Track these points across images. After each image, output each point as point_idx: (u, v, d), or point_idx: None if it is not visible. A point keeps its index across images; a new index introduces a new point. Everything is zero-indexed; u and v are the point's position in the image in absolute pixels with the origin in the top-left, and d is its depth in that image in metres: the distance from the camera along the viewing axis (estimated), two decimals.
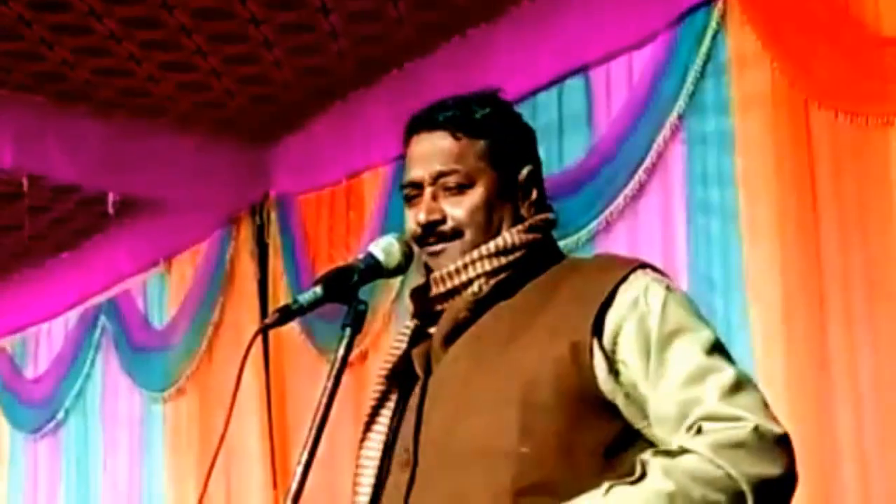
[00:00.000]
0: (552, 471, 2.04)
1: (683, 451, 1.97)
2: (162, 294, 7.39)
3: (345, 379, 2.14)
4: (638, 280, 2.14)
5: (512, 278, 2.20)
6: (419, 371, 2.21)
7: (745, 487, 1.95)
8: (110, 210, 6.70)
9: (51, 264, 7.99)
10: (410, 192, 2.26)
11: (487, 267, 2.19)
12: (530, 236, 2.22)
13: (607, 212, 4.88)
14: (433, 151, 2.24)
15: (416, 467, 2.14)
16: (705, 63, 4.65)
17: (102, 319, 7.76)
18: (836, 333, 4.16)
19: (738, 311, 4.45)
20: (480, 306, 2.19)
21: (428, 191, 2.23)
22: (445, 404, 2.15)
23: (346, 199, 6.26)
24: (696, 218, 4.67)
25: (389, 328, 5.84)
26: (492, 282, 2.19)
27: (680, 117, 4.72)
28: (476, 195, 2.22)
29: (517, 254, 2.20)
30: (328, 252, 6.23)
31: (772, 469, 1.99)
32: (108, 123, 6.17)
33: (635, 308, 2.10)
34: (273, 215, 6.66)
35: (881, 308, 4.06)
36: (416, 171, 2.25)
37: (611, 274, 2.15)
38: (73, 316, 8.06)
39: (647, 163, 4.79)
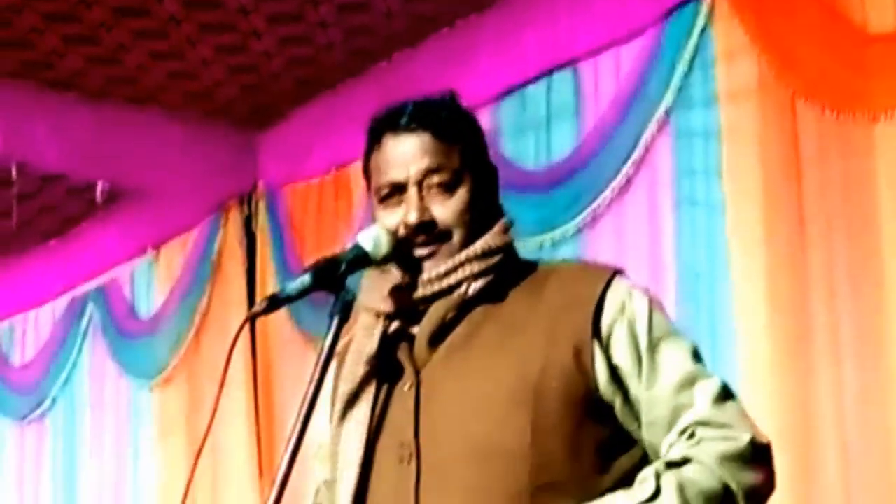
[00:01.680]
0: (562, 471, 2.10)
1: (687, 460, 2.06)
2: (150, 282, 7.39)
3: (330, 368, 2.16)
4: (620, 286, 2.20)
5: (496, 280, 2.22)
6: (409, 368, 2.22)
7: (741, 499, 2.07)
8: (99, 198, 6.70)
9: (38, 252, 7.98)
10: (389, 193, 2.26)
11: (476, 269, 2.21)
12: (507, 238, 2.26)
13: (594, 205, 4.90)
14: (418, 150, 2.24)
15: (420, 463, 2.15)
16: (693, 57, 4.66)
17: (90, 307, 7.76)
18: (821, 326, 4.18)
19: (724, 303, 4.47)
20: (466, 307, 2.21)
21: (413, 190, 2.23)
22: (446, 403, 2.17)
23: (334, 189, 6.26)
24: (683, 211, 4.69)
25: None
26: (478, 283, 2.21)
27: (667, 111, 4.73)
28: (462, 195, 2.23)
29: (499, 256, 2.23)
30: (316, 242, 6.23)
31: (760, 478, 2.10)
32: (98, 111, 6.17)
33: (623, 312, 2.17)
34: (261, 205, 6.66)
35: (865, 300, 4.08)
36: (399, 171, 2.25)
37: (595, 279, 2.21)
38: (60, 303, 8.05)
39: (635, 156, 4.81)
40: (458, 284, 2.21)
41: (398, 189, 2.25)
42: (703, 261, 4.57)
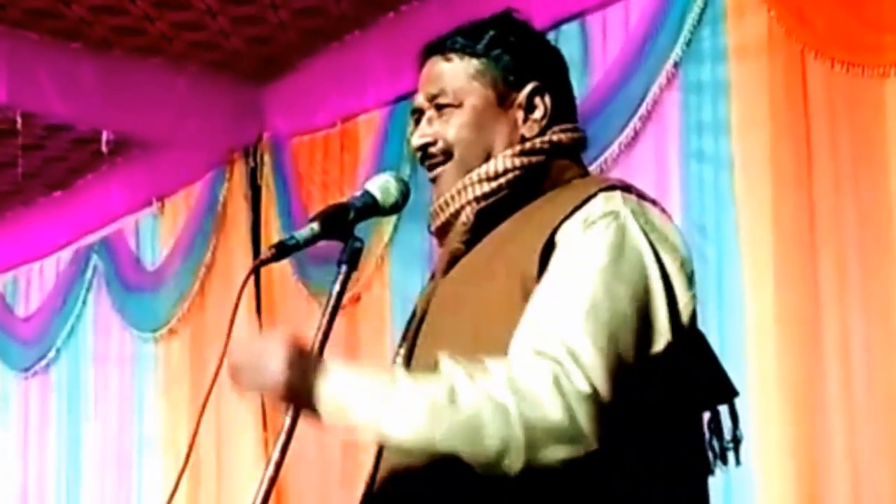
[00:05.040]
0: None
1: (485, 370, 1.90)
2: (154, 234, 7.39)
3: (337, 321, 2.13)
4: (594, 206, 2.04)
5: (500, 205, 2.15)
6: (421, 305, 2.21)
7: (516, 420, 1.86)
8: (104, 149, 6.69)
9: (43, 202, 7.98)
10: (416, 118, 2.26)
11: (478, 192, 2.15)
12: (525, 160, 2.16)
13: (602, 159, 4.87)
14: (427, 76, 2.24)
15: None
16: (702, 11, 4.64)
17: (94, 259, 7.76)
18: (828, 282, 4.17)
19: (731, 259, 4.46)
20: (473, 236, 2.16)
21: (426, 115, 2.23)
22: (422, 337, 2.15)
23: (340, 142, 6.24)
24: (691, 166, 4.67)
25: (382, 271, 5.85)
26: (477, 208, 2.15)
27: (676, 65, 4.71)
28: (464, 114, 2.19)
29: (507, 177, 2.15)
30: (321, 195, 6.22)
31: (553, 417, 1.86)
32: (103, 62, 6.14)
33: (571, 238, 2.02)
34: (267, 157, 6.65)
35: (872, 256, 4.07)
36: (417, 98, 2.26)
37: (574, 199, 2.07)
38: (65, 255, 8.05)
39: (643, 110, 4.79)
40: (460, 211, 2.17)
41: (418, 115, 2.26)
42: (710, 216, 4.56)
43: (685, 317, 2.03)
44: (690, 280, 2.06)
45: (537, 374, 1.88)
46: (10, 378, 8.51)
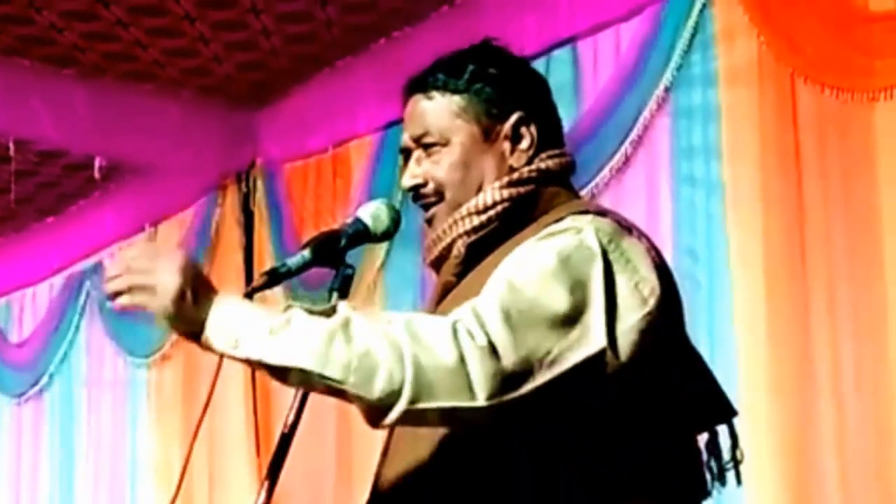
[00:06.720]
0: None
1: (384, 315, 1.94)
2: None
3: None
4: (561, 223, 2.07)
5: (491, 236, 2.16)
6: None
7: (409, 362, 1.86)
8: (97, 175, 6.70)
9: (36, 228, 7.98)
10: (404, 157, 2.26)
11: (468, 226, 2.16)
12: (513, 190, 2.16)
13: (593, 184, 4.88)
14: (411, 115, 2.24)
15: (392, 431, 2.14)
16: (692, 36, 4.65)
17: (87, 284, 7.77)
18: (818, 305, 4.18)
19: (722, 283, 4.47)
20: (466, 268, 2.17)
21: (414, 155, 2.23)
22: None
23: (332, 167, 6.26)
24: (682, 191, 4.68)
25: (374, 297, 5.86)
26: (468, 241, 2.16)
27: (667, 90, 4.72)
28: (452, 153, 2.19)
29: (496, 209, 2.15)
30: (314, 220, 6.23)
31: (444, 362, 1.86)
32: (95, 88, 6.16)
33: (526, 245, 2.05)
34: (259, 183, 6.66)
35: (862, 279, 4.08)
36: (403, 137, 2.25)
37: (545, 223, 2.09)
38: (58, 281, 8.06)
39: (634, 135, 4.80)
40: (452, 245, 2.17)
41: (406, 154, 2.26)
42: (701, 240, 4.57)
43: (634, 334, 1.99)
44: (646, 301, 2.02)
45: (436, 323, 1.90)
46: (4, 403, 8.51)
